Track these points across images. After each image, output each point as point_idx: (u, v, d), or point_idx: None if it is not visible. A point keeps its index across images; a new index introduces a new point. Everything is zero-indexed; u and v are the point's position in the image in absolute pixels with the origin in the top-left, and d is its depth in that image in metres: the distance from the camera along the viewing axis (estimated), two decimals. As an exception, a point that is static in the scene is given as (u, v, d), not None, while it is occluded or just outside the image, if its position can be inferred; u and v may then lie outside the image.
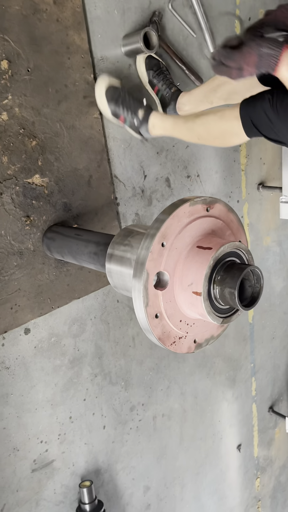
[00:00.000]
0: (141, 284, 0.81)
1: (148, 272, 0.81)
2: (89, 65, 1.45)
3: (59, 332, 1.52)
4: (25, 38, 1.27)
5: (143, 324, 0.84)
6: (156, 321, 0.84)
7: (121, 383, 1.79)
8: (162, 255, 0.83)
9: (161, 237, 0.82)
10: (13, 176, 1.31)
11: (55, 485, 1.60)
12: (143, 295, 0.81)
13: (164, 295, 0.84)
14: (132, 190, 1.69)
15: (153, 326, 0.83)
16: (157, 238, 0.82)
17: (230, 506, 2.77)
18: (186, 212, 0.86)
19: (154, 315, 0.83)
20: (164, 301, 0.84)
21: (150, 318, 0.83)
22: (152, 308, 0.83)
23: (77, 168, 1.46)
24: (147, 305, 0.81)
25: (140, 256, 0.83)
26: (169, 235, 0.83)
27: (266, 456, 3.04)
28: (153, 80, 1.61)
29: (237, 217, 0.99)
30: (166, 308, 0.84)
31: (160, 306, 0.84)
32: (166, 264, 0.83)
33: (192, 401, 2.21)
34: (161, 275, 0.84)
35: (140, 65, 1.60)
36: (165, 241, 0.83)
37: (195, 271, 0.81)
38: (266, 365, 2.79)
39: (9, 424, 1.42)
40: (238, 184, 2.23)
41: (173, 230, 0.84)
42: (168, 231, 0.83)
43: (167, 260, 0.83)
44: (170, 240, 0.84)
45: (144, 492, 2.03)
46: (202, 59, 1.89)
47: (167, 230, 0.83)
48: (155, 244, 0.81)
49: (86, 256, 1.20)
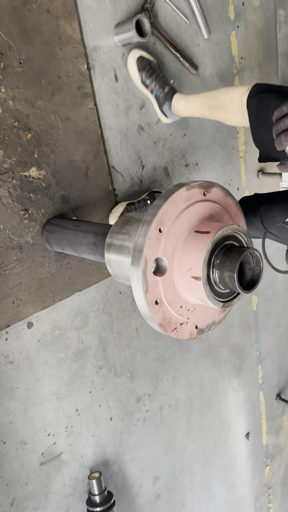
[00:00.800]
0: (140, 271, 0.80)
1: (146, 258, 0.80)
2: (82, 56, 1.44)
3: (62, 325, 1.52)
4: (15, 30, 1.26)
5: (144, 311, 0.84)
6: (157, 307, 0.83)
7: (127, 375, 1.79)
8: (160, 241, 0.82)
9: (158, 223, 0.81)
10: (9, 169, 1.30)
11: (64, 478, 1.61)
12: (142, 281, 0.80)
13: (163, 281, 0.83)
14: (130, 181, 1.68)
15: (153, 312, 0.83)
16: (154, 224, 0.81)
17: (241, 494, 2.78)
18: (183, 197, 0.85)
19: (154, 301, 0.83)
20: (163, 287, 0.83)
21: (150, 305, 0.82)
22: (151, 295, 0.82)
23: (73, 160, 1.45)
24: (146, 291, 0.81)
25: (138, 243, 0.82)
26: (166, 221, 0.82)
27: (275, 444, 3.04)
28: (146, 81, 1.60)
29: (235, 201, 0.98)
30: (166, 294, 0.84)
31: (160, 292, 0.83)
32: (164, 250, 0.83)
33: (198, 390, 2.21)
34: (159, 261, 0.83)
35: (132, 67, 1.58)
36: (162, 227, 0.82)
37: (193, 256, 0.81)
38: (272, 353, 2.78)
39: (16, 418, 1.43)
40: (237, 172, 2.21)
41: (170, 215, 0.83)
42: (165, 217, 0.82)
43: (165, 246, 0.82)
44: (168, 226, 0.83)
45: (153, 483, 2.04)
46: (196, 46, 1.87)
47: (164, 215, 0.82)
48: (152, 230, 0.81)
49: (85, 247, 1.20)
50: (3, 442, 1.40)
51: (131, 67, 1.58)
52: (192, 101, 1.59)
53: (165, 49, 1.72)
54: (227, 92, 1.41)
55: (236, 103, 1.36)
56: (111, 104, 1.57)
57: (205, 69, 1.93)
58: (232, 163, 2.17)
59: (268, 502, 3.10)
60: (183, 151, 1.88)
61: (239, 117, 1.37)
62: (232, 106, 1.39)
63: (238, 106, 1.36)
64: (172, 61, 1.76)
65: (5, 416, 1.40)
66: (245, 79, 2.16)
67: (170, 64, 1.75)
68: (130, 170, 1.68)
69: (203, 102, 1.53)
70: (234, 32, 2.05)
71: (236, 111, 1.37)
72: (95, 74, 1.51)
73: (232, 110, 1.40)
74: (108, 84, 1.55)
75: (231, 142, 2.13)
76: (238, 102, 1.35)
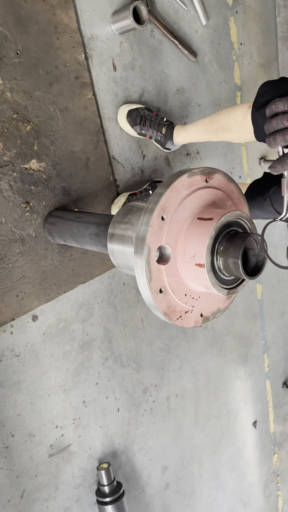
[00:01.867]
0: (143, 260, 0.79)
1: (149, 247, 0.79)
2: (79, 45, 1.42)
3: (67, 317, 1.52)
4: (11, 20, 1.24)
5: (148, 300, 0.83)
6: (161, 296, 0.83)
7: (133, 365, 1.79)
8: (163, 229, 0.81)
9: (161, 211, 0.81)
10: (9, 162, 1.29)
11: (73, 469, 1.62)
12: (146, 270, 0.79)
13: (167, 269, 0.82)
14: (131, 171, 1.67)
15: (158, 301, 0.82)
16: (156, 211, 0.80)
17: (249, 482, 2.79)
18: (185, 183, 0.84)
19: (158, 290, 0.82)
20: (167, 275, 0.82)
21: (155, 294, 0.81)
22: (155, 283, 0.81)
23: (73, 151, 1.44)
24: (150, 280, 0.80)
25: (140, 232, 0.81)
26: (168, 208, 0.82)
27: (283, 432, 3.05)
28: (142, 132, 1.61)
29: (238, 187, 0.97)
30: (170, 282, 0.83)
31: (163, 280, 0.82)
32: (167, 238, 0.82)
33: (204, 380, 2.21)
34: (162, 249, 0.83)
35: (125, 126, 1.59)
36: (165, 215, 0.81)
37: (197, 243, 0.80)
38: (277, 341, 2.78)
39: (23, 411, 1.43)
40: (239, 160, 2.19)
41: (172, 202, 0.82)
42: (168, 204, 0.81)
43: (168, 233, 0.81)
44: (170, 213, 0.82)
45: (162, 472, 2.05)
46: (194, 33, 1.84)
47: (166, 203, 0.81)
48: (155, 218, 0.80)
49: (88, 238, 1.19)
50: (11, 435, 1.41)
51: (124, 126, 1.59)
52: (192, 131, 1.57)
53: (163, 36, 1.70)
54: (228, 114, 1.38)
55: (241, 123, 1.33)
56: (110, 93, 1.56)
57: (204, 56, 1.90)
58: (234, 151, 2.15)
59: (277, 490, 3.12)
60: (183, 140, 1.86)
61: (247, 135, 1.33)
62: (237, 127, 1.35)
63: (243, 125, 1.32)
64: (170, 48, 1.74)
65: (12, 409, 1.40)
66: (244, 65, 2.13)
67: (169, 51, 1.73)
68: (131, 160, 1.66)
69: (204, 130, 1.50)
70: (233, 17, 2.03)
71: (243, 130, 1.34)
72: (93, 63, 1.49)
73: (238, 130, 1.36)
74: (107, 74, 1.54)
75: (232, 129, 2.11)
76: (242, 121, 1.31)
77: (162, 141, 1.64)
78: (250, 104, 1.29)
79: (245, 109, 1.29)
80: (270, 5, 2.22)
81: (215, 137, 1.48)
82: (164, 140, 1.63)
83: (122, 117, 1.58)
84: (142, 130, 1.60)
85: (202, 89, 1.91)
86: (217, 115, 1.44)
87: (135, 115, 1.57)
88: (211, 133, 1.48)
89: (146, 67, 1.66)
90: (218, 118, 1.43)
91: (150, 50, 1.66)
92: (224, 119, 1.39)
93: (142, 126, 1.59)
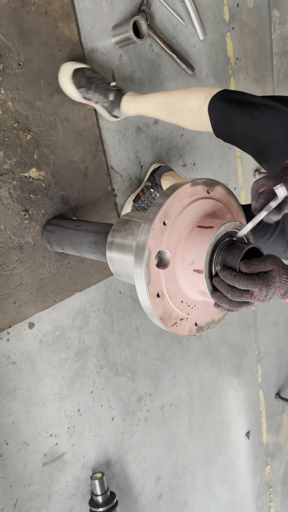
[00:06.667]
0: (143, 262, 0.81)
1: (150, 250, 0.81)
2: (80, 57, 1.45)
3: (63, 325, 1.52)
4: (14, 32, 1.27)
5: (145, 303, 0.84)
6: (158, 300, 0.84)
7: (128, 374, 1.79)
8: (164, 234, 0.83)
9: (163, 216, 0.82)
10: (9, 170, 1.31)
11: (67, 478, 1.61)
12: (145, 273, 0.81)
13: (166, 274, 0.84)
14: (129, 181, 1.69)
15: (155, 305, 0.83)
16: (158, 216, 0.82)
17: (242, 493, 2.78)
18: (187, 192, 0.86)
19: (156, 294, 0.83)
20: (165, 280, 0.84)
21: (152, 297, 0.83)
22: (154, 287, 0.83)
23: (73, 160, 1.46)
24: (149, 283, 0.81)
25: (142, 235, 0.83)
26: (170, 214, 0.83)
27: (275, 442, 3.05)
28: (87, 96, 1.43)
29: (237, 201, 0.99)
30: (167, 287, 0.84)
31: (161, 285, 0.84)
32: (167, 243, 0.83)
33: (199, 389, 2.21)
34: (162, 254, 0.84)
35: (67, 87, 1.40)
36: (167, 220, 0.83)
37: (196, 249, 0.82)
38: (271, 351, 2.79)
39: (18, 418, 1.43)
40: (234, 171, 2.23)
41: (175, 209, 0.84)
42: (170, 210, 0.83)
43: (168, 239, 0.83)
44: (172, 219, 0.84)
45: (155, 482, 2.04)
46: (192, 47, 1.89)
47: (169, 208, 0.83)
48: (157, 222, 0.81)
49: (86, 246, 1.20)
50: (6, 443, 1.40)
51: (66, 86, 1.40)
52: (144, 107, 1.42)
53: (161, 50, 1.73)
54: (183, 100, 1.29)
55: (195, 113, 1.25)
56: (109, 104, 1.58)
57: (201, 70, 1.94)
58: (229, 163, 2.18)
59: (269, 501, 3.11)
60: (180, 151, 1.89)
61: (200, 125, 1.27)
62: (191, 115, 1.27)
63: (197, 115, 1.25)
64: (169, 62, 1.77)
65: (7, 416, 1.40)
66: (240, 80, 2.18)
67: (167, 65, 1.77)
68: (129, 170, 1.69)
69: (156, 109, 1.39)
70: (229, 33, 2.07)
71: (198, 121, 1.26)
72: (93, 75, 1.51)
73: (191, 118, 1.28)
74: (106, 85, 1.56)
75: (228, 142, 2.14)
76: (197, 113, 1.24)
77: (109, 108, 1.46)
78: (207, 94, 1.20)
79: (201, 100, 1.21)
80: (266, 21, 2.28)
81: (168, 119, 1.39)
82: (112, 107, 1.46)
83: (65, 77, 1.38)
84: (88, 94, 1.42)
85: (199, 102, 1.94)
86: (171, 97, 1.34)
87: (80, 76, 1.38)
88: (163, 114, 1.38)
89: (145, 80, 1.69)
90: (172, 101, 1.33)
91: (149, 64, 1.70)
92: (178, 103, 1.30)
93: (88, 90, 1.40)
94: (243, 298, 0.77)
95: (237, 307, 0.79)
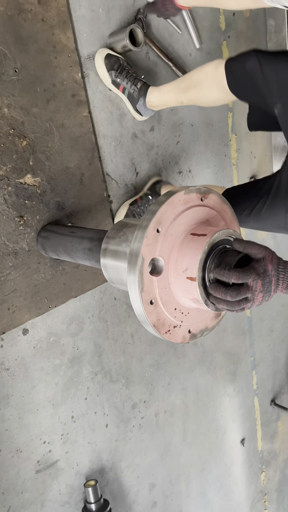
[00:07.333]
0: (137, 269, 0.81)
1: (143, 257, 0.81)
2: (76, 64, 1.46)
3: (57, 331, 1.52)
4: (11, 38, 1.27)
5: (138, 311, 0.84)
6: (151, 307, 0.84)
7: (122, 381, 1.79)
8: (157, 241, 0.83)
9: (156, 223, 0.83)
10: (4, 176, 1.31)
11: (60, 486, 1.60)
12: (139, 280, 0.81)
13: (159, 281, 0.84)
14: (124, 187, 1.69)
15: (148, 312, 0.83)
16: (152, 223, 0.82)
17: (237, 501, 2.77)
18: (181, 200, 0.87)
19: (149, 301, 0.83)
20: (159, 287, 0.84)
21: (145, 304, 0.83)
22: (147, 294, 0.83)
23: (68, 167, 1.47)
24: (142, 290, 0.81)
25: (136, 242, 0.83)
26: (164, 221, 0.84)
27: (270, 450, 3.04)
28: (117, 80, 1.53)
29: (231, 209, 0.99)
30: (161, 295, 0.84)
31: (155, 292, 0.84)
32: (161, 251, 0.84)
33: (193, 396, 2.21)
34: (156, 261, 0.84)
35: (100, 67, 1.52)
36: (160, 227, 0.83)
37: (190, 257, 0.82)
38: (266, 358, 2.79)
39: (11, 425, 1.42)
40: (230, 179, 2.24)
41: (168, 216, 0.84)
42: (164, 217, 0.84)
43: (162, 246, 0.83)
44: (165, 226, 0.84)
45: (149, 490, 2.03)
46: (188, 55, 1.90)
47: (162, 216, 0.83)
48: (150, 229, 0.82)
49: (81, 252, 1.20)
50: (-2, 450, 1.39)
51: (99, 66, 1.52)
52: (165, 90, 1.51)
53: (157, 58, 1.74)
54: (200, 69, 1.37)
55: (212, 75, 1.32)
56: (105, 111, 1.59)
57: (197, 78, 1.95)
58: (225, 170, 2.19)
59: (264, 509, 3.09)
60: (176, 158, 1.90)
61: (216, 89, 1.33)
62: (208, 80, 1.33)
63: (214, 77, 1.31)
64: (165, 69, 1.79)
65: (0, 423, 1.39)
66: (236, 88, 2.19)
67: (163, 72, 1.78)
68: (124, 177, 1.69)
69: (176, 87, 1.47)
70: (225, 41, 2.09)
71: (214, 82, 1.32)
72: (89, 82, 1.52)
73: (208, 84, 1.34)
74: (102, 92, 1.57)
75: (223, 149, 2.16)
76: (214, 72, 1.31)
77: (135, 96, 1.56)
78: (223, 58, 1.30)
79: (218, 61, 1.30)
80: (261, 30, 2.30)
81: (186, 97, 1.45)
82: (138, 97, 1.55)
83: (100, 58, 1.50)
84: (118, 78, 1.52)
85: (195, 109, 1.96)
86: (191, 72, 1.43)
87: (114, 61, 1.51)
88: (182, 92, 1.45)
89: (141, 87, 1.70)
90: (190, 74, 1.42)
91: (145, 71, 1.71)
92: (196, 74, 1.38)
93: (118, 74, 1.52)
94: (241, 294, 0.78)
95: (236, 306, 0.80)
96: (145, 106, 1.59)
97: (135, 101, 1.58)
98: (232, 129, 2.20)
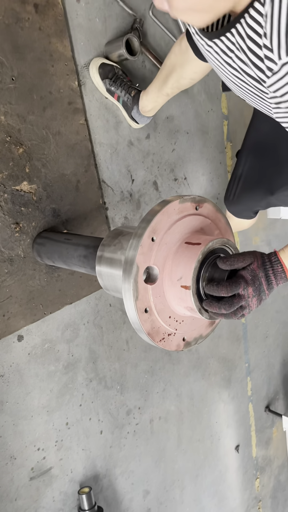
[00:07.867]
0: (131, 277, 0.82)
1: (138, 266, 0.82)
2: (73, 72, 1.47)
3: (52, 338, 1.52)
4: (8, 47, 1.28)
5: (133, 319, 0.85)
6: (146, 315, 0.85)
7: (117, 387, 1.79)
8: (152, 250, 0.84)
9: (151, 232, 0.84)
10: (1, 183, 1.31)
11: (54, 493, 1.59)
12: (133, 288, 0.82)
13: (154, 289, 0.85)
14: (120, 194, 1.70)
15: (142, 320, 0.84)
16: (147, 232, 0.83)
17: (231, 507, 2.76)
18: (176, 209, 0.88)
19: (144, 309, 0.84)
20: (153, 295, 0.85)
21: (140, 313, 0.83)
22: (142, 302, 0.83)
23: (64, 174, 1.47)
24: (137, 298, 0.82)
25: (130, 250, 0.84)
26: (159, 230, 0.85)
27: (265, 456, 3.04)
28: (111, 88, 1.56)
29: (225, 217, 1.01)
30: (155, 303, 0.85)
31: (149, 300, 0.85)
32: (155, 259, 0.84)
33: (188, 402, 2.21)
34: (150, 270, 0.85)
35: (94, 76, 1.54)
36: (155, 236, 0.84)
37: (184, 266, 0.83)
38: (260, 364, 2.80)
39: (5, 432, 1.41)
40: (225, 186, 2.25)
41: (163, 225, 0.85)
42: (158, 226, 0.84)
43: (156, 255, 0.84)
44: (160, 235, 0.85)
45: (144, 497, 2.03)
46: (185, 64, 1.92)
47: (157, 225, 0.84)
48: (145, 238, 0.83)
49: (76, 259, 1.21)
50: (-8, 457, 1.39)
51: (93, 75, 1.54)
52: (150, 90, 1.54)
53: (153, 67, 1.76)
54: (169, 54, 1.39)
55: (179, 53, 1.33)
56: (101, 119, 1.60)
57: (193, 86, 1.97)
58: (220, 177, 2.21)
59: (258, 515, 3.09)
60: (172, 165, 1.91)
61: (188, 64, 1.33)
62: (178, 59, 1.35)
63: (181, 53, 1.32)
64: (161, 78, 1.80)
65: (-6, 430, 1.39)
66: (231, 96, 2.22)
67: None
68: (120, 184, 1.70)
69: (157, 82, 1.49)
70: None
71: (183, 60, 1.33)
72: (85, 90, 1.54)
73: (180, 63, 1.35)
74: (99, 100, 1.58)
75: (219, 156, 2.17)
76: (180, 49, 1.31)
77: (129, 104, 1.59)
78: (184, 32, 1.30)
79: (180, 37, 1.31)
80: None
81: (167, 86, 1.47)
82: (132, 104, 1.59)
83: (94, 67, 1.53)
84: (112, 87, 1.55)
85: (191, 117, 1.97)
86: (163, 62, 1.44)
87: (108, 70, 1.53)
88: (163, 83, 1.46)
89: (137, 95, 1.71)
90: (164, 63, 1.43)
91: (141, 80, 1.72)
92: (168, 60, 1.40)
93: (113, 82, 1.54)
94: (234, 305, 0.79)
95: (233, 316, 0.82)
96: (140, 113, 1.61)
97: (130, 109, 1.61)
98: (227, 137, 2.21)
